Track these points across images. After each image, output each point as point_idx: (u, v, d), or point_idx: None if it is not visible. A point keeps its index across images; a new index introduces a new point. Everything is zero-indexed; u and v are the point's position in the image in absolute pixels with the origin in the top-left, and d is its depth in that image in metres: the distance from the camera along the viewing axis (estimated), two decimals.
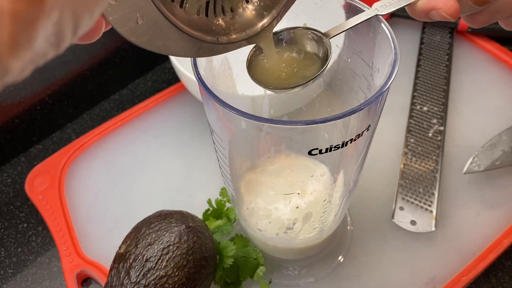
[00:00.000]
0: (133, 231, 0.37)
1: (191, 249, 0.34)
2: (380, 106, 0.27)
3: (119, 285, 0.33)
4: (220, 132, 0.29)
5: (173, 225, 0.36)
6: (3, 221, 0.48)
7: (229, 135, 0.29)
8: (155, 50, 0.22)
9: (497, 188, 0.46)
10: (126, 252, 0.35)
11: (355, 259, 0.42)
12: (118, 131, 0.53)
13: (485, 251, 0.42)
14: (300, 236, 0.37)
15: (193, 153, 0.51)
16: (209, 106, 0.27)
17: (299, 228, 0.36)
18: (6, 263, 0.45)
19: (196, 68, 0.26)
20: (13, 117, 0.51)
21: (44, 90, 0.52)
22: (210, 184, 0.48)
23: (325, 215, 0.35)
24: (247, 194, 0.37)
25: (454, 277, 0.40)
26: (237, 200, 0.37)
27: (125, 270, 0.34)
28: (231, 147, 0.30)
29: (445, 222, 0.44)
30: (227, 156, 0.31)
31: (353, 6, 0.29)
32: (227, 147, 0.30)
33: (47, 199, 0.47)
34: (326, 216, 0.35)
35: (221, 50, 0.25)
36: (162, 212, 0.38)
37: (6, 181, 0.51)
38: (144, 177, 0.49)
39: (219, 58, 0.31)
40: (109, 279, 0.35)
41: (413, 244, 0.43)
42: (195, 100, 0.53)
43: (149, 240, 0.35)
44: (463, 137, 0.50)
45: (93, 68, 0.55)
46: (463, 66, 0.56)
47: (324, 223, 0.36)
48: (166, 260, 0.34)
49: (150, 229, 0.36)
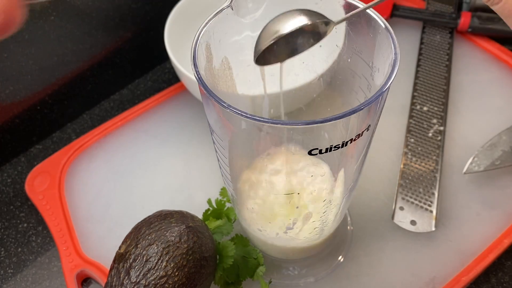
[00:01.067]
0: (133, 231, 0.37)
1: (191, 249, 0.34)
2: (380, 106, 0.27)
3: (119, 285, 0.33)
4: (220, 132, 0.29)
5: (173, 225, 0.36)
6: (3, 221, 0.48)
7: (229, 135, 0.29)
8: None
9: (497, 188, 0.46)
10: (126, 252, 0.35)
11: (355, 259, 0.42)
12: (118, 131, 0.53)
13: (485, 251, 0.42)
14: (301, 236, 0.37)
15: (193, 153, 0.51)
16: (209, 106, 0.27)
17: (299, 228, 0.36)
18: (6, 263, 0.45)
19: (196, 68, 0.26)
20: (13, 117, 0.51)
21: (44, 90, 0.52)
22: (210, 184, 0.48)
23: (325, 215, 0.35)
24: (247, 194, 0.37)
25: (454, 277, 0.40)
26: (237, 200, 0.37)
27: (125, 270, 0.34)
28: (231, 147, 0.30)
29: (445, 222, 0.44)
30: (227, 156, 0.31)
31: (353, 6, 0.29)
32: (227, 147, 0.30)
33: (47, 199, 0.47)
34: (326, 216, 0.35)
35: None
36: (162, 212, 0.38)
37: (6, 181, 0.51)
38: (144, 177, 0.49)
39: (219, 58, 0.31)
40: (109, 279, 0.35)
41: (413, 244, 0.43)
42: (195, 100, 0.53)
43: (149, 240, 0.35)
44: (463, 137, 0.50)
45: (93, 68, 0.55)
46: (463, 66, 0.56)
47: (324, 223, 0.36)
48: (166, 260, 0.34)
49: (150, 229, 0.36)
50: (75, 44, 0.52)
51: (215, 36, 0.29)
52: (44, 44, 0.49)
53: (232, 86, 0.34)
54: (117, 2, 0.52)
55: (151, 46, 0.59)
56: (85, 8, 0.50)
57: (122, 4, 0.53)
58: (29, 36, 0.47)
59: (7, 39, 0.46)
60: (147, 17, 0.56)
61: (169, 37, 0.50)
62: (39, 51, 0.49)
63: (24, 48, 0.47)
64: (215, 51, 0.30)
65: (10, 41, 0.46)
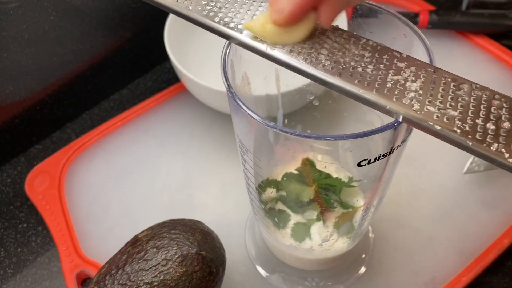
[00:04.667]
0: (160, 224, 0.37)
1: (184, 276, 0.34)
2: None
3: (116, 270, 0.35)
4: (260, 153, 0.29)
5: (187, 243, 0.35)
6: (3, 221, 0.48)
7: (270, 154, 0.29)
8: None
9: (497, 188, 0.46)
10: (140, 240, 0.36)
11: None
12: (118, 131, 0.53)
13: (485, 251, 0.42)
14: (336, 247, 0.36)
15: (193, 153, 0.51)
16: (243, 122, 0.27)
17: (335, 239, 0.35)
18: (6, 263, 0.45)
19: (228, 83, 0.26)
20: (13, 117, 0.51)
21: (44, 90, 0.52)
22: (210, 184, 0.48)
23: (362, 222, 0.35)
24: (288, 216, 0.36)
25: (454, 277, 0.40)
26: (274, 224, 0.36)
27: (129, 256, 0.35)
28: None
29: (445, 222, 0.44)
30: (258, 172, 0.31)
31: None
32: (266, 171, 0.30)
33: (47, 199, 0.47)
34: (362, 224, 0.35)
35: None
36: (193, 222, 0.38)
37: (6, 181, 0.51)
38: (144, 177, 0.49)
39: (240, 74, 0.31)
40: (117, 256, 0.36)
41: (413, 244, 0.43)
42: (195, 100, 0.53)
43: (160, 243, 0.35)
44: None
45: (93, 68, 0.55)
46: (463, 66, 0.56)
47: (358, 231, 0.36)
48: (159, 271, 0.34)
49: (169, 233, 0.36)
50: (75, 44, 0.51)
51: (237, 53, 0.29)
52: (44, 44, 0.49)
53: (251, 101, 0.34)
54: (117, 2, 0.52)
55: (151, 46, 0.59)
56: (85, 8, 0.50)
57: (122, 4, 0.53)
58: (29, 36, 0.47)
59: (7, 39, 0.46)
60: (147, 17, 0.56)
61: (169, 37, 0.50)
62: (39, 51, 0.49)
63: (24, 48, 0.47)
64: (237, 68, 0.30)
65: (10, 41, 0.46)
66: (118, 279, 0.34)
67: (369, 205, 0.33)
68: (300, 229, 0.35)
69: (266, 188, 0.34)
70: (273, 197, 0.35)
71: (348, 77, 0.22)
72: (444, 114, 0.21)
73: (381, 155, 0.25)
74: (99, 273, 0.36)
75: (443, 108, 0.21)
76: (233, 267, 0.42)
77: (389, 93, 0.22)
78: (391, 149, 0.26)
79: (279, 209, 0.36)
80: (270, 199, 0.35)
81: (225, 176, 0.48)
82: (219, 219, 0.45)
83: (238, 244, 0.44)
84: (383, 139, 0.25)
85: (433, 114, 0.21)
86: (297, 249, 0.36)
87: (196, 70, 0.53)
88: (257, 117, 0.24)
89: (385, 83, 0.22)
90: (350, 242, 0.36)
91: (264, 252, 0.42)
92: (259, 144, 0.29)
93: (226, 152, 0.50)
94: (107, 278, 0.34)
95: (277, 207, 0.36)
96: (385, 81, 0.22)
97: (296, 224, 0.35)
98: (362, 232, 0.37)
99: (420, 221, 0.44)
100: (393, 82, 0.22)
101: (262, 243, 0.43)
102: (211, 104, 0.50)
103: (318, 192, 0.33)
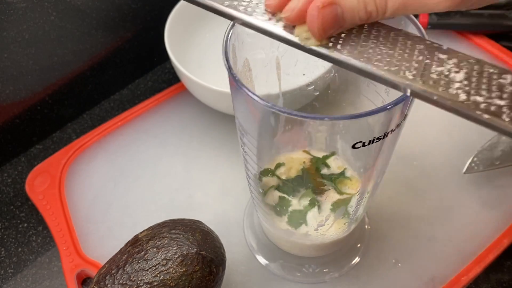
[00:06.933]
0: (160, 224, 0.37)
1: (184, 276, 0.34)
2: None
3: (116, 270, 0.35)
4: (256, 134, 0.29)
5: (187, 243, 0.35)
6: (3, 221, 0.48)
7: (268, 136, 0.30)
8: None
9: (497, 188, 0.46)
10: (140, 240, 0.36)
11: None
12: (118, 131, 0.53)
13: (485, 251, 0.42)
14: (330, 232, 0.37)
15: (193, 153, 0.51)
16: (243, 105, 0.27)
17: (330, 224, 0.36)
18: (6, 263, 0.45)
19: (229, 65, 0.27)
20: (13, 117, 0.51)
21: (44, 90, 0.52)
22: (210, 184, 0.48)
23: (357, 208, 0.35)
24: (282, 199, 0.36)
25: (454, 277, 0.40)
26: (270, 213, 0.37)
27: (130, 255, 0.35)
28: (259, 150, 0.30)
29: (445, 222, 0.44)
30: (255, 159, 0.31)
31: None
32: (256, 151, 0.30)
33: (47, 199, 0.48)
34: (357, 209, 0.35)
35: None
36: (192, 222, 0.38)
37: (6, 181, 0.51)
38: (144, 177, 0.49)
39: (241, 60, 0.31)
40: (117, 256, 0.36)
41: (413, 244, 0.43)
42: (195, 100, 0.53)
43: (160, 243, 0.35)
44: (463, 137, 0.50)
45: (93, 68, 0.55)
46: None
47: (354, 217, 0.36)
48: (160, 271, 0.34)
49: (169, 233, 0.36)
50: (75, 44, 0.52)
51: (239, 38, 0.29)
52: (44, 44, 0.49)
53: (252, 88, 0.34)
54: (117, 2, 0.52)
55: (151, 46, 0.59)
56: (85, 8, 0.50)
57: (122, 4, 0.53)
58: (29, 36, 0.47)
59: (7, 39, 0.46)
60: (147, 17, 0.56)
61: (169, 37, 0.50)
62: (39, 51, 0.49)
63: (24, 48, 0.47)
64: (239, 53, 0.30)
65: (10, 41, 0.46)
66: (118, 279, 0.34)
67: (363, 191, 0.34)
68: (296, 216, 0.36)
69: (264, 172, 0.35)
70: (271, 183, 0.36)
71: (393, 69, 0.22)
72: (490, 104, 0.21)
73: (376, 138, 0.26)
74: (99, 273, 0.36)
75: (490, 98, 0.21)
76: (233, 266, 0.42)
77: (435, 84, 0.22)
78: (385, 133, 0.27)
79: (279, 195, 0.36)
80: (268, 184, 0.36)
81: (225, 176, 0.48)
82: (219, 218, 0.45)
83: (238, 244, 0.44)
84: (378, 121, 0.26)
85: (480, 104, 0.21)
86: (293, 234, 0.37)
87: (196, 70, 0.53)
88: (256, 98, 0.25)
89: (430, 74, 0.22)
90: (345, 228, 0.37)
91: (262, 239, 0.43)
92: (257, 126, 0.29)
93: (226, 152, 0.50)
94: (107, 278, 0.34)
95: (275, 194, 0.36)
96: (429, 72, 0.22)
97: (292, 211, 0.36)
98: (358, 218, 0.37)
99: (419, 221, 0.44)
100: (437, 73, 0.22)
101: (260, 230, 0.43)
102: (211, 104, 0.50)
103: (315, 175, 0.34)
